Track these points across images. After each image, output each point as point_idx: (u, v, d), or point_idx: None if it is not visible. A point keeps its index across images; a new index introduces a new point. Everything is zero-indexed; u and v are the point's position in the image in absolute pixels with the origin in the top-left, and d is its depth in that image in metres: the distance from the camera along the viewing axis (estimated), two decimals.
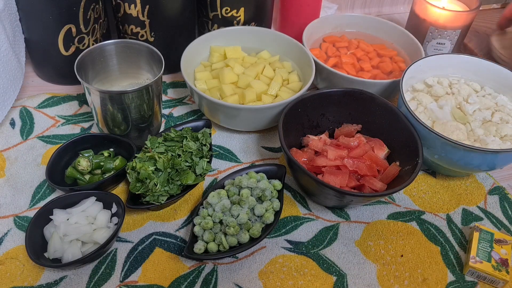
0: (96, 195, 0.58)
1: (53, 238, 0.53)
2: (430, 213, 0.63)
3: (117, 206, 0.57)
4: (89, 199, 0.57)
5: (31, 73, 0.80)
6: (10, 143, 0.67)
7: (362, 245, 0.59)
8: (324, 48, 0.82)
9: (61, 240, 0.53)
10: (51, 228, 0.55)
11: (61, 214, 0.55)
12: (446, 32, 0.81)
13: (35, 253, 0.52)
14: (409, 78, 0.70)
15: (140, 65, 0.68)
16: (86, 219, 0.55)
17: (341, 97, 0.67)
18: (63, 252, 0.53)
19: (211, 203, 0.57)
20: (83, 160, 0.61)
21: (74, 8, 0.68)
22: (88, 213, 0.56)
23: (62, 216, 0.55)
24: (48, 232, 0.55)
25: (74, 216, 0.55)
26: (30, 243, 0.52)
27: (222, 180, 0.62)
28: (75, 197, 0.57)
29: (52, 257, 0.53)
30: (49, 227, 0.55)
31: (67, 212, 0.56)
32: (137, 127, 0.65)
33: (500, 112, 0.67)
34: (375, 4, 1.05)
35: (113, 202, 0.57)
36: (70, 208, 0.57)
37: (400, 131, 0.63)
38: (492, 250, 0.56)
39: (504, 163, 0.61)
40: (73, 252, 0.52)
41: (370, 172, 0.61)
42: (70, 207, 0.57)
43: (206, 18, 0.79)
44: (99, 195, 0.58)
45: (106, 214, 0.56)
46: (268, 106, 0.65)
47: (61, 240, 0.53)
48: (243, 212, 0.56)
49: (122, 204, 0.56)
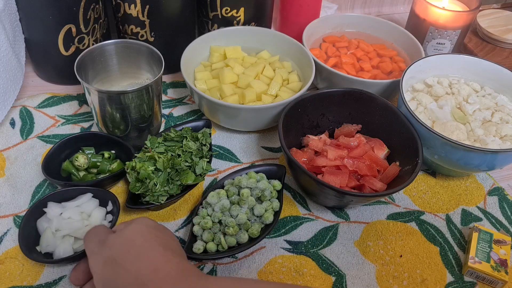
0: (93, 192, 0.58)
1: (46, 232, 0.53)
2: (429, 213, 0.63)
3: (113, 204, 0.57)
4: (85, 195, 0.57)
5: (31, 73, 0.80)
6: (10, 143, 0.67)
7: (362, 245, 0.59)
8: (324, 48, 0.82)
9: (53, 235, 0.53)
10: (44, 222, 0.55)
11: (55, 208, 0.55)
12: (446, 32, 0.81)
13: (27, 245, 0.52)
14: (409, 78, 0.70)
15: (140, 65, 0.68)
16: (80, 215, 0.55)
17: (341, 97, 0.67)
18: (55, 247, 0.52)
19: (211, 203, 0.57)
20: (81, 156, 0.61)
21: (74, 8, 0.68)
22: (83, 209, 0.56)
23: (56, 210, 0.55)
24: (41, 225, 0.54)
25: (68, 210, 0.55)
26: (23, 235, 0.52)
27: (222, 180, 0.62)
28: (72, 192, 0.57)
29: (44, 251, 0.52)
30: (43, 220, 0.55)
31: (62, 206, 0.56)
32: (137, 127, 0.65)
33: (500, 112, 0.67)
34: (375, 4, 1.05)
35: (109, 200, 0.57)
36: (65, 202, 0.56)
37: (400, 131, 0.63)
38: (491, 250, 0.56)
39: (504, 163, 0.61)
40: (64, 248, 0.52)
41: (370, 172, 0.61)
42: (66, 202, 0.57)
43: (206, 18, 0.79)
44: (96, 192, 0.58)
45: (101, 212, 0.56)
46: (268, 106, 0.65)
47: (53, 235, 0.53)
48: (242, 212, 0.56)
49: (118, 203, 0.56)
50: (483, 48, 0.90)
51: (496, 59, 0.87)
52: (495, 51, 0.89)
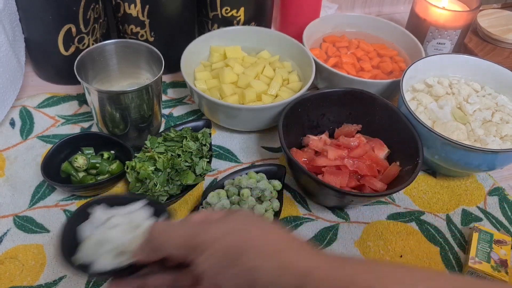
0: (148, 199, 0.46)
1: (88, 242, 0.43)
2: (429, 214, 0.63)
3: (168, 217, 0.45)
4: (139, 202, 0.46)
5: (31, 73, 0.80)
6: (10, 143, 0.67)
7: (362, 246, 0.59)
8: (324, 48, 0.82)
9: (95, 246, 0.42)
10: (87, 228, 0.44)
11: (103, 213, 0.45)
12: (446, 32, 0.81)
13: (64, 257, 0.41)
14: (409, 78, 0.70)
15: (140, 65, 0.68)
16: (129, 224, 0.44)
17: (341, 97, 0.67)
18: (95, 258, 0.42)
19: (211, 203, 0.57)
20: (80, 157, 0.61)
21: (74, 8, 0.68)
22: (133, 218, 0.45)
23: (104, 216, 0.44)
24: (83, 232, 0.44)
25: (116, 217, 0.44)
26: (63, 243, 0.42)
27: (222, 180, 0.62)
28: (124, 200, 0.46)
29: (80, 262, 0.42)
30: (85, 226, 0.44)
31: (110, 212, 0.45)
32: (137, 127, 0.65)
33: (500, 112, 0.67)
34: (375, 4, 1.05)
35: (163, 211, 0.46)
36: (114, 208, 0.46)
37: (400, 131, 0.63)
38: (491, 250, 0.56)
39: (504, 163, 0.61)
40: (106, 261, 0.41)
41: (370, 172, 0.61)
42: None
43: (206, 18, 0.79)
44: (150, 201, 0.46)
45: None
46: (268, 106, 0.65)
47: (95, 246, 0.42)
48: None
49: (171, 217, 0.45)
50: (483, 48, 0.90)
51: (496, 59, 0.87)
52: (495, 51, 0.89)
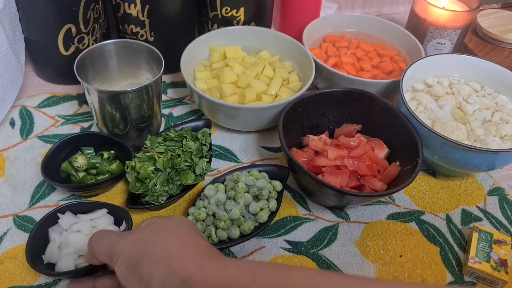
0: (108, 208, 0.56)
1: (51, 244, 0.52)
2: (429, 213, 0.63)
3: (126, 224, 0.55)
4: (101, 210, 0.56)
5: (31, 73, 0.80)
6: (10, 143, 0.67)
7: (362, 246, 0.59)
8: (324, 48, 0.82)
9: (59, 249, 0.52)
10: (55, 231, 0.54)
11: (69, 218, 0.54)
12: (446, 32, 0.81)
13: (32, 255, 0.50)
14: (409, 78, 0.70)
15: (140, 65, 0.68)
16: (91, 230, 0.53)
17: (341, 97, 0.67)
18: (58, 259, 0.51)
19: (208, 195, 0.57)
20: (80, 157, 0.61)
21: (74, 8, 0.68)
22: (95, 224, 0.54)
23: (69, 220, 0.54)
24: (52, 234, 0.54)
25: (80, 223, 0.54)
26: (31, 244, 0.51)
27: (224, 175, 0.62)
28: (91, 206, 0.56)
29: (47, 261, 0.52)
30: (54, 229, 0.54)
31: (76, 217, 0.55)
32: (137, 127, 0.65)
33: (500, 112, 0.67)
34: (375, 4, 1.05)
35: (124, 219, 0.55)
36: (80, 214, 0.55)
37: (400, 131, 0.63)
38: (491, 250, 0.56)
39: (504, 163, 0.61)
40: (67, 262, 0.51)
41: (370, 172, 0.61)
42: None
43: (206, 18, 0.79)
44: (112, 208, 0.56)
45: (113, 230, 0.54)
46: (268, 106, 0.65)
47: (59, 249, 0.52)
48: (237, 207, 0.56)
49: (131, 223, 0.54)
50: (483, 48, 0.90)
51: (496, 59, 0.87)
52: (495, 51, 0.89)
